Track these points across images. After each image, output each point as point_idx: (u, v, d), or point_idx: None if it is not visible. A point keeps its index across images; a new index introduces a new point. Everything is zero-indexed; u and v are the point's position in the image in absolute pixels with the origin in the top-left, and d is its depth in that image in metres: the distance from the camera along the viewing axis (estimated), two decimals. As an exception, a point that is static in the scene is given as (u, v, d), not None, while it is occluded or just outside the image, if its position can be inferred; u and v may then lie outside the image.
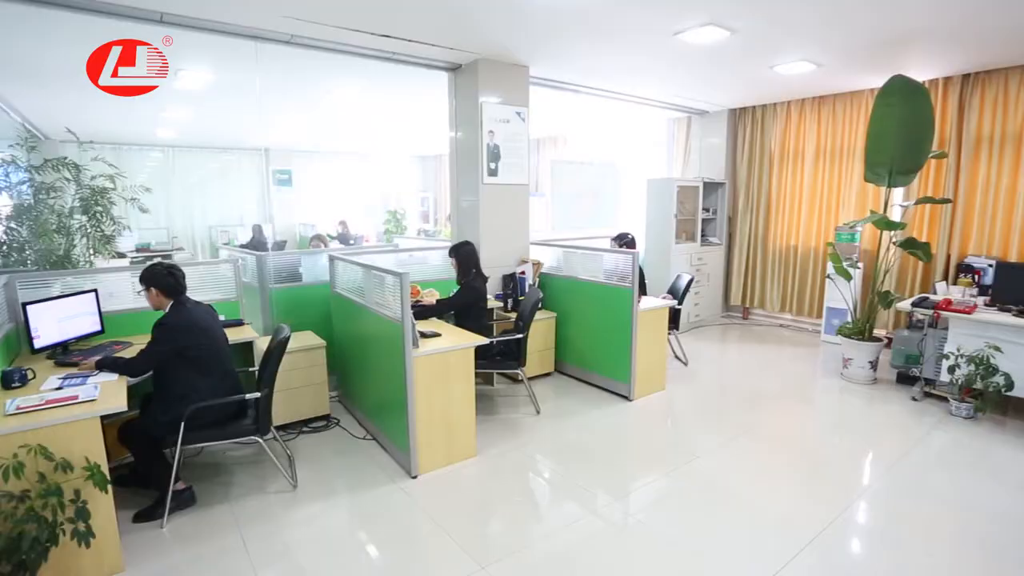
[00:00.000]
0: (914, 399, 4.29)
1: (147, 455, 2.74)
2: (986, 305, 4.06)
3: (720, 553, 2.48)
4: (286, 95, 5.91)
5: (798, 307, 6.62)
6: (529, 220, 5.16)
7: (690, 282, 5.08)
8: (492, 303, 4.63)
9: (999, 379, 3.67)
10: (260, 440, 2.95)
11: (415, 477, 3.12)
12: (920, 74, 5.04)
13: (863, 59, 4.66)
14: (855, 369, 4.71)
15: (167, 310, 2.79)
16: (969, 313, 3.91)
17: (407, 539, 2.63)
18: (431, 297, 4.13)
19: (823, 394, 4.61)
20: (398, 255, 5.22)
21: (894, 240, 4.72)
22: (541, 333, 4.67)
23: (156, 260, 3.35)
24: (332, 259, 4.17)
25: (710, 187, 6.87)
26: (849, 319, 5.00)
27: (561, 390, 4.55)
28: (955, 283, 4.64)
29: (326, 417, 3.91)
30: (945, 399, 4.10)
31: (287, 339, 2.98)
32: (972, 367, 3.77)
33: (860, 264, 5.49)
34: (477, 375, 3.43)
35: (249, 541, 2.58)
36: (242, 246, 8.14)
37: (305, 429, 3.77)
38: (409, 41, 4.09)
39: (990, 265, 4.59)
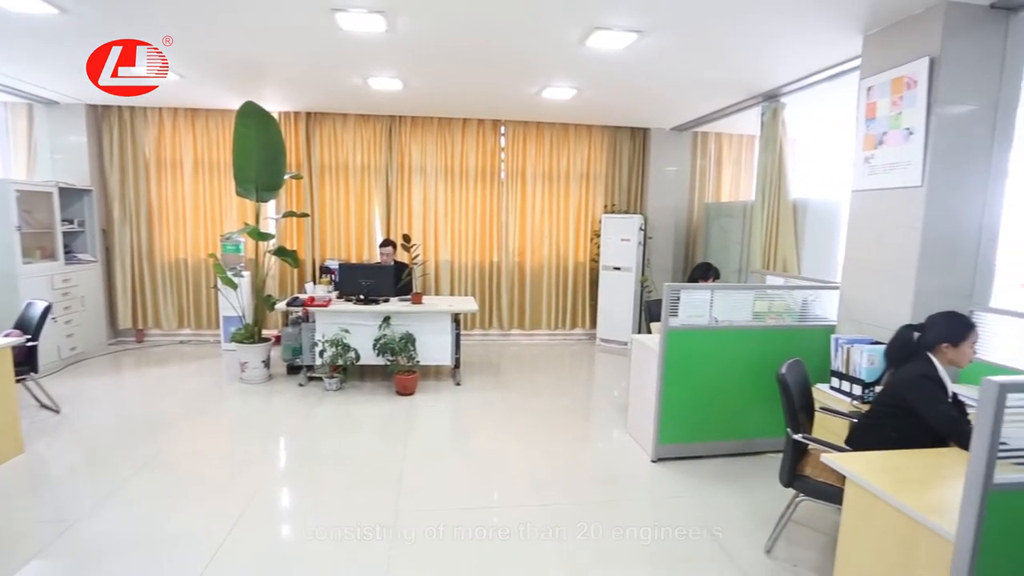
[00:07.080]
0: (301, 385, 4.98)
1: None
2: (338, 298, 5.12)
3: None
4: None
5: (196, 321, 6.52)
6: None
7: (47, 309, 4.13)
8: None
9: (351, 354, 4.73)
10: None
11: None
12: (275, 105, 5.80)
13: (221, 79, 4.94)
14: (251, 371, 5.04)
15: None
16: (327, 306, 4.84)
17: None
18: None
19: (226, 401, 4.72)
20: None
21: (268, 249, 5.29)
22: None
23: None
24: None
25: (72, 194, 5.80)
26: (241, 325, 5.30)
27: None
28: (319, 283, 5.64)
29: None
30: (321, 378, 4.95)
31: None
32: (334, 348, 4.69)
33: (246, 273, 5.89)
34: None
35: None
36: None
37: None
38: None
39: (339, 266, 5.79)
